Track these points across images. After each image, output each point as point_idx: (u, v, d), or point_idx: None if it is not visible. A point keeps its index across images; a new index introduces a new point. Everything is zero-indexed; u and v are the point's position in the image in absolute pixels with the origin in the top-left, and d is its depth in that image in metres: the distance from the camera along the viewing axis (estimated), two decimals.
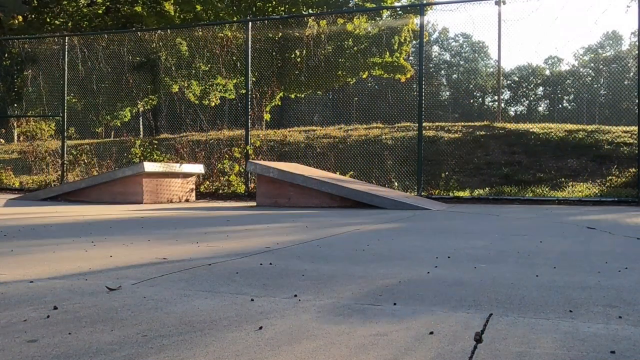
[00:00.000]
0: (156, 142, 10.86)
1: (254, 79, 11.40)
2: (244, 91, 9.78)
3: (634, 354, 1.17)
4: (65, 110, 10.36)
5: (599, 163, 9.44)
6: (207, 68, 13.22)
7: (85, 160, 10.67)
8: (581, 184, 8.60)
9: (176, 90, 14.15)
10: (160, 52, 13.16)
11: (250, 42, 9.34)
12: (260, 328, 1.36)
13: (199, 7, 18.72)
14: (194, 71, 13.75)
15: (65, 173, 10.34)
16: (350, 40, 16.48)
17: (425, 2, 12.56)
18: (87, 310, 1.54)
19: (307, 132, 12.73)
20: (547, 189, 8.29)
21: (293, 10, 18.48)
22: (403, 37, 18.72)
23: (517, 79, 58.40)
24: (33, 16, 19.37)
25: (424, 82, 8.44)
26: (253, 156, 9.28)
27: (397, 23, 18.34)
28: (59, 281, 1.96)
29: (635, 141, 8.71)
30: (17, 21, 19.15)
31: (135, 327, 1.37)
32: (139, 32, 12.79)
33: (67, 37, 10.67)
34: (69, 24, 19.43)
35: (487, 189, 8.54)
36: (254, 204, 7.25)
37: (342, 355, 1.17)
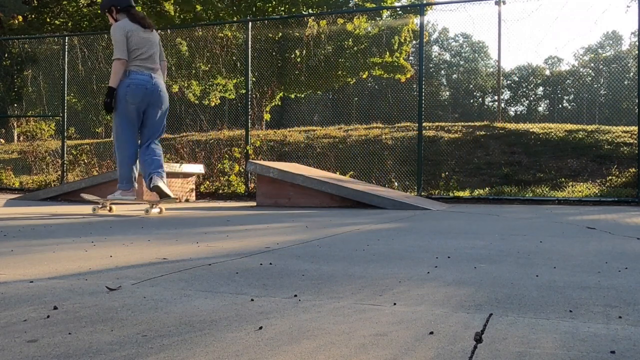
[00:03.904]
0: None
1: (254, 79, 11.40)
2: (244, 91, 9.79)
3: (634, 354, 1.17)
4: (65, 110, 10.36)
5: (599, 163, 9.45)
6: (207, 68, 13.22)
7: (85, 160, 10.67)
8: (581, 184, 8.60)
9: (176, 90, 14.16)
10: None
11: (250, 42, 9.34)
12: (260, 328, 1.36)
13: (199, 7, 18.72)
14: (194, 71, 13.75)
15: (65, 173, 10.34)
16: (350, 40, 16.48)
17: (425, 2, 12.56)
18: (87, 310, 1.54)
19: (307, 132, 12.73)
20: (547, 189, 8.29)
21: (293, 10, 18.48)
22: (403, 37, 18.73)
23: (517, 79, 58.45)
24: (33, 16, 19.36)
25: (424, 82, 8.45)
26: (253, 156, 9.28)
27: (397, 23, 18.35)
28: (59, 281, 1.96)
29: (635, 141, 8.71)
30: (17, 21, 19.15)
31: (135, 327, 1.37)
32: None
33: (67, 37, 10.67)
34: (69, 24, 19.43)
35: (487, 189, 8.54)
36: (254, 204, 7.25)
37: (342, 355, 1.17)
